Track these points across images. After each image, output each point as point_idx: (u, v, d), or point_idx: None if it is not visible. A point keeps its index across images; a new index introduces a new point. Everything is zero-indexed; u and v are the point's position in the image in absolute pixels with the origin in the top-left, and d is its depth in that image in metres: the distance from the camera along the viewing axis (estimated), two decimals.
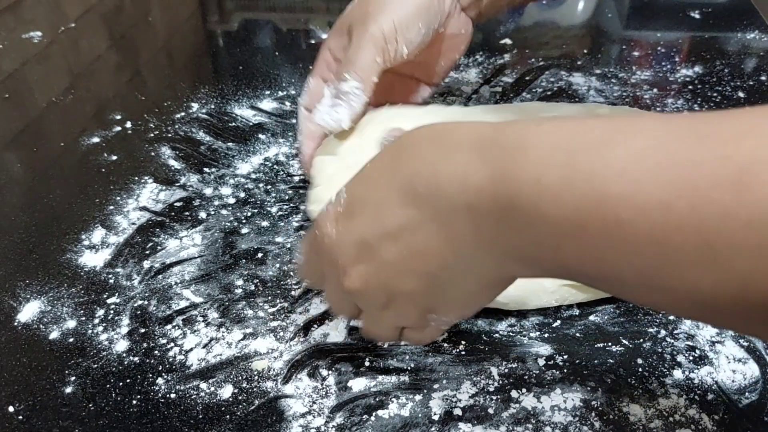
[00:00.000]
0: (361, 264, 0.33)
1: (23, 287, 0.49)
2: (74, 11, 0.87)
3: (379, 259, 0.33)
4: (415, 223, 0.31)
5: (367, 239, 0.33)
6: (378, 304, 0.35)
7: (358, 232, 0.33)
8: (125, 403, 0.41)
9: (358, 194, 0.34)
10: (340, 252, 0.34)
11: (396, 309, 0.35)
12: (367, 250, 0.33)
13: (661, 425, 0.39)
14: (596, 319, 0.46)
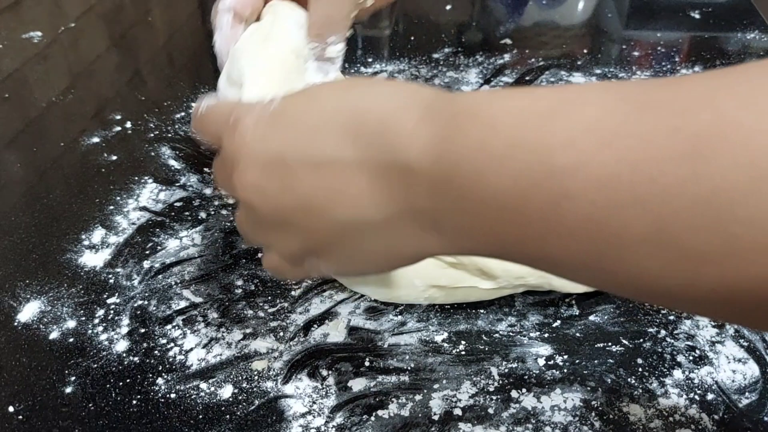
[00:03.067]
0: (266, 178, 0.31)
1: (23, 287, 0.49)
2: (74, 11, 0.87)
3: (288, 183, 0.30)
4: (347, 163, 0.29)
5: (285, 157, 0.30)
6: (261, 222, 0.33)
7: (278, 145, 0.31)
8: (125, 403, 0.41)
9: (297, 108, 0.31)
10: (247, 153, 0.32)
11: (278, 237, 0.33)
12: (278, 168, 0.30)
13: (661, 425, 0.39)
14: (596, 319, 0.46)
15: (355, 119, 0.29)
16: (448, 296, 0.45)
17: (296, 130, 0.31)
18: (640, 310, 0.46)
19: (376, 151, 0.28)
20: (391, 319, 0.46)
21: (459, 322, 0.46)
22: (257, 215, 0.33)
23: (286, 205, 0.31)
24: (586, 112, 0.23)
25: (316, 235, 0.31)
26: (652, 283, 0.22)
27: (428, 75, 0.74)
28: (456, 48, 0.79)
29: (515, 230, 0.25)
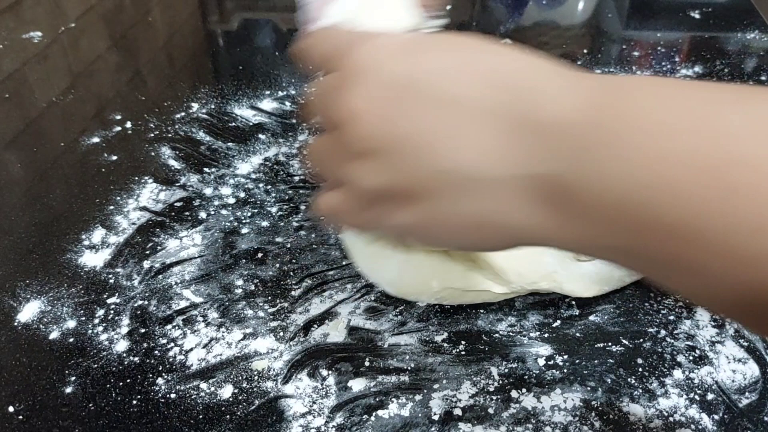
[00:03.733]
0: (384, 99, 0.28)
1: (23, 287, 0.49)
2: (74, 11, 0.87)
3: (406, 110, 0.27)
4: (477, 106, 0.26)
5: (413, 83, 0.27)
6: (352, 146, 0.29)
7: (407, 70, 0.28)
8: (125, 403, 0.41)
9: (433, 42, 0.29)
10: (369, 69, 0.29)
11: (364, 168, 0.29)
12: (401, 92, 0.28)
13: (661, 425, 0.39)
14: (596, 319, 0.46)
15: (499, 65, 0.27)
16: (457, 298, 0.45)
17: (429, 60, 0.28)
18: (640, 310, 0.46)
19: (514, 100, 0.26)
20: (391, 319, 0.46)
21: (459, 322, 0.46)
22: (352, 138, 0.29)
23: (395, 133, 0.28)
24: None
25: (413, 175, 0.28)
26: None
27: None
28: None
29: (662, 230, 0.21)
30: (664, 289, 0.46)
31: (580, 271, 0.45)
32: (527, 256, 0.44)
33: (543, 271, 0.45)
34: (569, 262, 0.45)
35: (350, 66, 0.30)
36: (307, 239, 0.53)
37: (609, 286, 0.46)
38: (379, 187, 0.29)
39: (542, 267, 0.45)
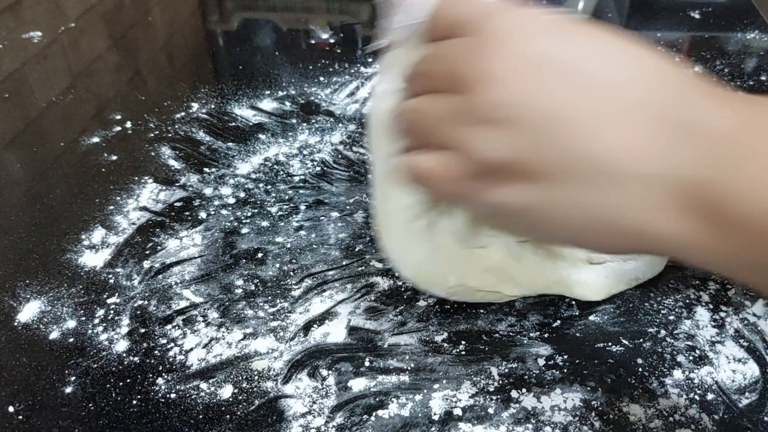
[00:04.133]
0: (528, 67, 0.27)
1: (23, 287, 0.49)
2: (74, 11, 0.87)
3: (552, 84, 0.26)
4: (633, 95, 0.25)
5: (564, 58, 0.26)
6: (478, 110, 0.28)
7: (559, 45, 0.27)
8: (125, 403, 0.41)
9: (587, 28, 0.27)
10: (518, 36, 0.27)
11: (488, 135, 0.27)
12: (550, 65, 0.26)
13: (661, 425, 0.39)
14: (596, 319, 0.46)
15: (651, 62, 0.26)
16: (466, 296, 0.45)
17: (580, 43, 0.27)
18: (640, 310, 0.46)
19: (671, 100, 0.25)
20: (391, 319, 0.46)
21: (459, 322, 0.46)
22: (483, 102, 0.28)
23: (535, 107, 0.26)
24: None
25: (544, 154, 0.26)
26: None
27: None
28: None
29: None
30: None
31: (591, 274, 0.45)
32: (542, 259, 0.44)
33: (556, 276, 0.45)
34: (581, 265, 0.45)
35: (491, 31, 0.28)
36: (307, 239, 0.53)
37: (617, 289, 0.46)
38: (500, 157, 0.28)
39: (556, 271, 0.45)
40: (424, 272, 0.44)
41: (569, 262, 0.45)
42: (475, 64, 0.28)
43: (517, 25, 0.28)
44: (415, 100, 0.32)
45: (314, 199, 0.57)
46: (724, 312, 0.46)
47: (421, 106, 0.31)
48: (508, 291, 0.45)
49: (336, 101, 0.70)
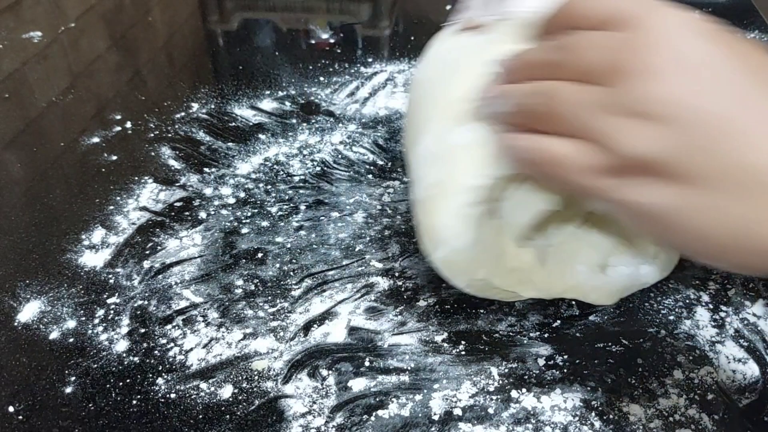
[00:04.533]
0: (697, 67, 0.26)
1: (23, 287, 0.49)
2: (74, 11, 0.87)
3: (720, 88, 0.26)
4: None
5: (728, 66, 0.26)
6: (628, 102, 0.27)
7: (726, 52, 0.27)
8: (125, 403, 0.41)
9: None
10: (686, 34, 0.27)
11: (639, 130, 0.27)
12: (714, 70, 0.26)
13: (661, 425, 0.39)
14: (596, 319, 0.46)
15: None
16: (482, 291, 0.45)
17: (742, 51, 0.28)
18: (640, 310, 0.46)
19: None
20: (391, 319, 0.46)
21: (459, 322, 0.46)
22: (641, 95, 0.27)
23: (702, 107, 0.26)
24: None
25: (704, 157, 0.26)
26: None
27: None
28: None
29: None
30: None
31: (606, 280, 0.45)
32: (562, 264, 0.44)
33: (574, 281, 0.44)
34: (598, 270, 0.45)
35: (653, 28, 0.28)
36: (307, 239, 0.53)
37: (627, 293, 0.46)
38: (648, 154, 0.27)
39: (574, 276, 0.44)
40: (458, 259, 0.41)
41: (588, 267, 0.44)
42: (635, 56, 0.27)
43: (679, 26, 0.28)
44: (549, 84, 0.31)
45: (314, 199, 0.57)
46: (724, 312, 0.46)
47: (559, 90, 0.30)
48: (525, 293, 0.44)
49: (336, 101, 0.70)
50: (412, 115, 0.46)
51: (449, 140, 0.40)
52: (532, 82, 0.32)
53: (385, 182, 0.59)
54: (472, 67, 0.41)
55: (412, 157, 0.44)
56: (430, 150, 0.41)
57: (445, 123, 0.40)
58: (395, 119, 0.67)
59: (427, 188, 0.41)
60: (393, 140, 0.64)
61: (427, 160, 0.42)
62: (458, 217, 0.39)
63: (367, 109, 0.69)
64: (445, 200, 0.40)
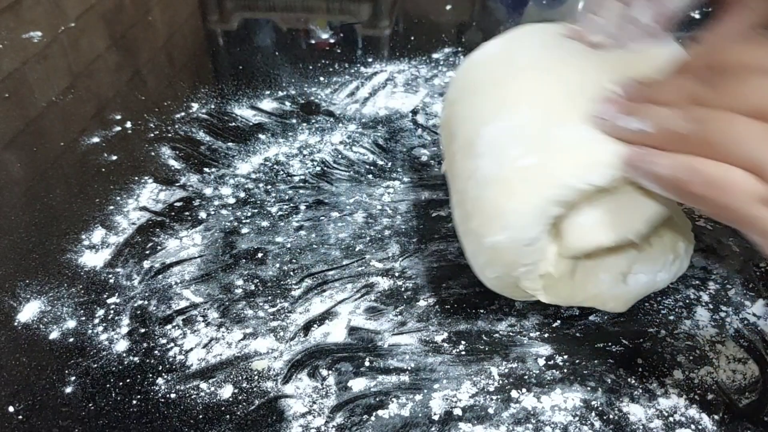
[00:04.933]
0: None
1: (23, 287, 0.49)
2: (74, 11, 0.87)
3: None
4: None
5: None
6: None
7: None
8: (125, 403, 0.41)
9: None
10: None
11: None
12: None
13: (661, 425, 0.39)
14: (596, 319, 0.46)
15: None
16: (504, 289, 0.44)
17: None
18: (640, 310, 0.46)
19: None
20: (391, 319, 0.46)
21: (459, 322, 0.46)
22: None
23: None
24: None
25: None
26: None
27: (428, 75, 0.74)
28: (456, 48, 0.79)
29: None
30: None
31: (626, 288, 0.44)
32: (587, 274, 0.43)
33: (596, 290, 0.44)
34: (621, 279, 0.44)
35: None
36: (307, 239, 0.53)
37: (639, 299, 0.46)
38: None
39: (597, 285, 0.44)
40: (510, 250, 0.40)
41: (612, 276, 0.44)
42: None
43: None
44: (707, 112, 0.33)
45: (314, 199, 0.57)
46: (724, 312, 0.46)
47: (722, 119, 0.32)
48: (546, 299, 0.44)
49: (336, 101, 0.70)
50: (488, 83, 0.46)
51: (554, 131, 0.39)
52: (671, 106, 0.34)
53: (385, 182, 0.59)
54: (589, 70, 0.42)
55: (487, 128, 0.43)
56: (526, 132, 0.40)
57: (551, 112, 0.40)
58: (395, 119, 0.67)
59: (513, 167, 0.40)
60: (393, 140, 0.64)
61: (518, 139, 0.40)
62: (537, 209, 0.38)
63: (367, 109, 0.69)
64: (530, 187, 0.39)
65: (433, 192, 0.57)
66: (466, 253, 0.44)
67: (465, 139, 0.45)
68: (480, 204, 0.41)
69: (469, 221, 0.42)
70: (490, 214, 0.40)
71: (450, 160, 0.47)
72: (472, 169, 0.43)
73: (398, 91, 0.71)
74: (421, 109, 0.68)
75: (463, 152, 0.44)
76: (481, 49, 0.50)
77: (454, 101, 0.49)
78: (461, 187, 0.44)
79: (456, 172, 0.45)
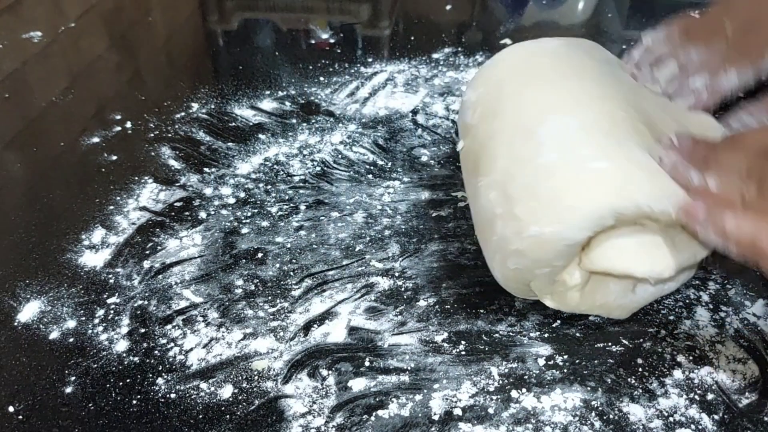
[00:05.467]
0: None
1: (23, 287, 0.49)
2: (74, 11, 0.87)
3: None
4: None
5: None
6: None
7: None
8: (125, 403, 0.41)
9: None
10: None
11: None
12: None
13: (661, 425, 0.39)
14: (596, 319, 0.46)
15: None
16: (515, 283, 0.44)
17: None
18: (640, 310, 0.46)
19: None
20: (391, 319, 0.46)
21: (459, 322, 0.46)
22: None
23: None
24: None
25: None
26: None
27: (428, 75, 0.74)
28: (456, 48, 0.79)
29: None
30: None
31: (633, 298, 0.44)
32: (597, 283, 0.43)
33: (603, 300, 0.44)
34: (630, 289, 0.44)
35: None
36: (307, 239, 0.53)
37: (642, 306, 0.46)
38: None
39: (605, 296, 0.44)
40: (549, 244, 0.40)
41: (621, 287, 0.44)
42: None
43: None
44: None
45: (314, 199, 0.57)
46: (724, 312, 0.46)
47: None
48: (551, 304, 0.44)
49: (336, 101, 0.70)
50: (555, 74, 0.47)
51: (624, 144, 0.40)
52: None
53: (385, 182, 0.59)
54: (644, 101, 0.46)
55: (555, 119, 0.43)
56: (596, 136, 0.41)
57: (618, 123, 0.41)
58: (395, 119, 0.67)
59: (583, 166, 0.40)
60: (393, 140, 0.64)
61: (590, 140, 0.41)
62: (595, 214, 0.38)
63: (367, 109, 0.69)
64: (597, 191, 0.39)
65: (433, 192, 0.57)
66: (489, 235, 0.43)
67: (520, 122, 0.44)
68: (533, 191, 0.40)
69: (513, 205, 0.41)
70: (545, 204, 0.40)
71: (486, 137, 0.46)
72: (528, 155, 0.42)
73: (398, 91, 0.71)
74: (421, 109, 0.68)
75: (513, 134, 0.44)
76: (536, 43, 0.52)
77: (502, 80, 0.49)
78: (506, 168, 0.43)
79: (498, 152, 0.44)
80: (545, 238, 0.39)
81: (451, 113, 0.68)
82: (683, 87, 0.51)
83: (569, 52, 0.50)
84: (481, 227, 0.45)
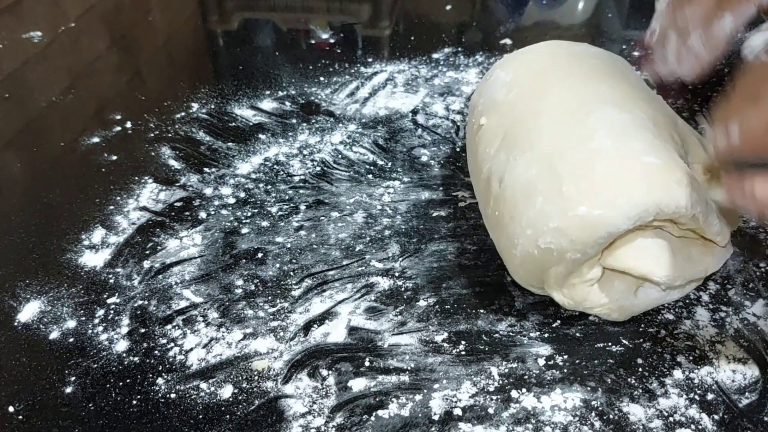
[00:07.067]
0: None
1: (23, 287, 0.49)
2: (74, 11, 0.87)
3: None
4: None
5: None
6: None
7: None
8: (125, 403, 0.41)
9: None
10: None
11: None
12: None
13: (661, 425, 0.39)
14: (596, 319, 0.46)
15: None
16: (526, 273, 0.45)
17: None
18: None
19: None
20: (391, 319, 0.46)
21: (459, 322, 0.46)
22: None
23: None
24: None
25: None
26: None
27: (428, 75, 0.74)
28: (456, 48, 0.79)
29: None
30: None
31: (634, 302, 0.44)
32: (604, 286, 0.43)
33: (606, 299, 0.44)
34: (631, 291, 0.44)
35: None
36: (307, 239, 0.53)
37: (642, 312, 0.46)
38: None
39: (609, 293, 0.44)
40: (590, 228, 0.40)
41: (625, 286, 0.44)
42: None
43: None
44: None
45: (314, 199, 0.57)
46: (724, 312, 0.46)
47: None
48: (557, 298, 0.44)
49: (336, 101, 0.70)
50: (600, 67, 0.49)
51: (668, 147, 0.42)
52: None
53: (385, 182, 0.59)
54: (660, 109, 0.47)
55: (607, 109, 0.44)
56: (646, 131, 0.42)
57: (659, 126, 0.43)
58: (395, 119, 0.67)
59: (637, 159, 0.41)
60: (393, 140, 0.64)
61: (642, 134, 0.42)
62: (642, 206, 0.39)
63: (367, 109, 0.69)
64: (648, 184, 0.40)
65: (433, 192, 0.57)
66: (522, 209, 0.43)
67: (570, 106, 0.45)
68: (585, 173, 0.41)
69: (560, 183, 0.41)
70: (597, 187, 0.40)
71: (528, 113, 0.47)
72: (580, 136, 0.43)
73: (398, 91, 0.71)
74: (421, 109, 0.68)
75: (563, 115, 0.45)
76: (578, 44, 0.54)
77: (546, 66, 0.50)
78: (554, 146, 0.43)
79: (544, 130, 0.45)
80: (591, 220, 0.40)
81: (451, 113, 0.67)
82: (683, 53, 0.49)
83: (609, 58, 0.52)
84: (512, 202, 0.44)
